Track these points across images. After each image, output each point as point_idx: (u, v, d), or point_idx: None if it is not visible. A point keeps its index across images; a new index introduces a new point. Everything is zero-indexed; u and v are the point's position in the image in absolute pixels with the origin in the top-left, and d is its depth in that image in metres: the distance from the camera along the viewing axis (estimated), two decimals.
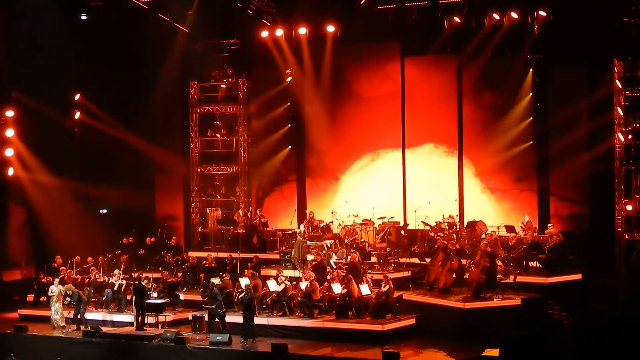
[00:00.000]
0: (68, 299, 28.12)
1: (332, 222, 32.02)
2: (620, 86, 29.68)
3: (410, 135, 33.11)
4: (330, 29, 32.97)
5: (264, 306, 27.27)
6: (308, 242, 30.23)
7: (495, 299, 26.01)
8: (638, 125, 29.73)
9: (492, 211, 31.73)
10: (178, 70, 34.54)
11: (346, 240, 30.48)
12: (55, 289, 28.12)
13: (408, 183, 33.05)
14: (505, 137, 31.52)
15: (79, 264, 31.27)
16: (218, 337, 25.28)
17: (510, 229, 29.88)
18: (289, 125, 35.11)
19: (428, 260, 28.46)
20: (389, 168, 33.41)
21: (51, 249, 32.34)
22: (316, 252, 29.28)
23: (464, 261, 27.62)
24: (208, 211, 35.12)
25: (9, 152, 32.73)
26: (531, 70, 31.33)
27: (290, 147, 35.17)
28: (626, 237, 29.38)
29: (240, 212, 34.29)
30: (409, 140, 33.13)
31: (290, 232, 32.06)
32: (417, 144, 33.08)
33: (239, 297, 26.14)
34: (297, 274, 28.93)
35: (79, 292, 28.17)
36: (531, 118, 31.42)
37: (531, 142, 31.38)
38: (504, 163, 31.70)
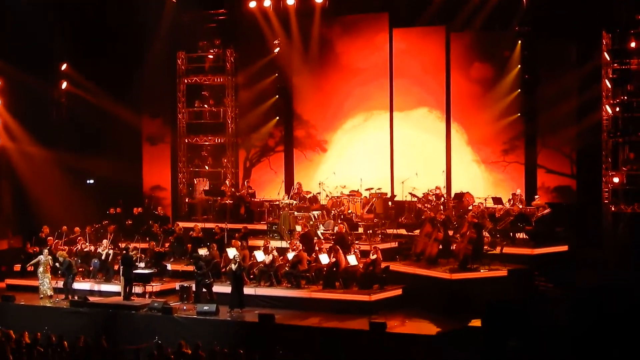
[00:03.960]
0: (57, 264, 28.13)
1: (319, 193, 32.04)
2: (608, 59, 29.70)
3: (402, 101, 33.01)
4: (319, 0, 32.91)
5: (251, 277, 27.31)
6: (295, 212, 30.24)
7: (481, 270, 26.09)
8: (626, 98, 29.77)
9: (480, 182, 31.74)
10: (166, 40, 34.39)
11: (333, 212, 30.53)
12: (43, 259, 28.11)
13: (398, 152, 32.94)
14: (493, 109, 31.52)
15: (66, 234, 31.25)
16: (205, 307, 25.34)
17: (497, 200, 29.93)
18: (277, 96, 35.02)
19: (417, 232, 28.53)
20: (381, 131, 33.31)
21: (38, 219, 32.33)
22: (303, 223, 29.31)
23: (450, 233, 27.68)
24: (195, 182, 35.09)
25: None
26: (520, 42, 31.27)
27: (277, 118, 35.12)
28: (613, 209, 29.49)
29: (227, 182, 34.32)
30: (403, 104, 33.02)
31: (277, 202, 32.07)
32: (410, 107, 32.98)
33: (233, 268, 26.07)
34: (284, 244, 28.96)
35: (70, 261, 28.17)
36: (519, 90, 31.40)
37: (519, 115, 31.39)
38: (492, 135, 31.74)
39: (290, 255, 27.24)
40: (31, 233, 31.60)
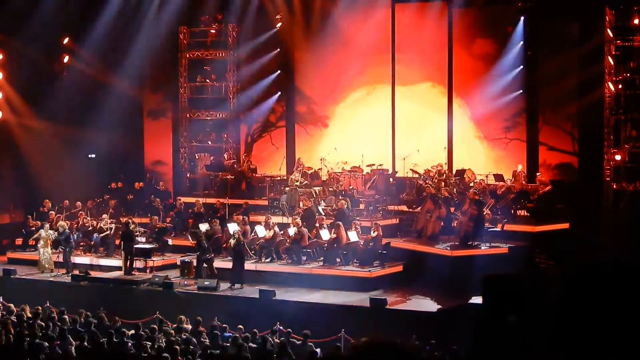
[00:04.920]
0: (56, 234, 28.15)
1: (320, 169, 32.02)
2: (611, 35, 29.56)
3: (404, 76, 32.92)
4: None
5: (252, 252, 27.34)
6: (298, 188, 30.23)
7: (482, 247, 26.11)
8: (628, 75, 29.67)
9: (482, 159, 31.73)
10: (167, 14, 34.29)
11: (332, 188, 30.52)
12: (44, 233, 28.17)
13: (400, 127, 32.92)
14: (495, 86, 31.44)
15: (68, 208, 31.30)
16: (206, 283, 25.39)
17: (498, 177, 29.92)
18: (279, 71, 34.93)
19: (418, 209, 28.52)
20: (383, 106, 33.25)
21: (40, 193, 32.34)
22: (305, 198, 29.32)
23: (452, 209, 27.67)
24: (197, 157, 35.08)
25: None
26: (522, 18, 31.17)
27: (279, 93, 35.04)
28: (614, 187, 29.46)
29: (225, 155, 34.30)
30: (405, 80, 32.94)
31: (279, 178, 32.06)
32: (413, 82, 32.91)
33: (232, 244, 26.13)
34: (285, 220, 28.98)
35: (69, 232, 28.24)
36: (521, 67, 31.32)
37: (521, 91, 31.32)
38: (494, 111, 31.67)
39: (292, 231, 27.26)
40: (33, 207, 31.63)
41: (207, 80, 35.89)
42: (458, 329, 21.22)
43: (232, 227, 27.06)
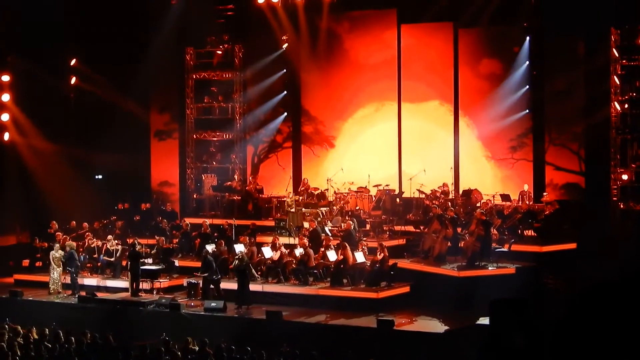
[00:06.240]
0: (62, 252, 28.14)
1: (327, 189, 32.01)
2: (617, 55, 29.64)
3: (410, 97, 32.90)
4: None
5: (259, 273, 27.31)
6: (303, 209, 30.23)
7: (489, 268, 26.05)
8: (634, 94, 29.73)
9: (489, 178, 31.68)
10: (174, 36, 34.39)
11: (335, 207, 30.49)
12: (55, 254, 28.17)
13: (407, 147, 32.86)
14: (502, 106, 31.43)
15: (74, 229, 31.30)
16: (213, 304, 25.34)
17: (505, 197, 29.87)
18: (285, 92, 34.98)
19: (425, 229, 28.47)
20: (389, 127, 33.24)
21: (47, 214, 32.35)
22: (311, 219, 29.31)
23: (459, 229, 27.62)
24: (203, 177, 35.08)
25: (5, 117, 32.67)
26: (528, 38, 31.20)
27: (285, 113, 35.08)
28: (621, 206, 29.43)
29: (235, 177, 34.32)
30: (411, 100, 32.96)
31: (285, 199, 32.06)
32: (421, 100, 32.85)
33: (235, 264, 26.16)
34: (292, 241, 28.95)
35: (74, 251, 28.18)
36: (527, 87, 31.32)
37: (527, 111, 31.32)
38: (500, 131, 31.65)
39: (298, 252, 27.23)
40: (39, 228, 31.65)
41: (214, 101, 35.95)
42: (465, 350, 21.17)
43: (239, 248, 27.06)
